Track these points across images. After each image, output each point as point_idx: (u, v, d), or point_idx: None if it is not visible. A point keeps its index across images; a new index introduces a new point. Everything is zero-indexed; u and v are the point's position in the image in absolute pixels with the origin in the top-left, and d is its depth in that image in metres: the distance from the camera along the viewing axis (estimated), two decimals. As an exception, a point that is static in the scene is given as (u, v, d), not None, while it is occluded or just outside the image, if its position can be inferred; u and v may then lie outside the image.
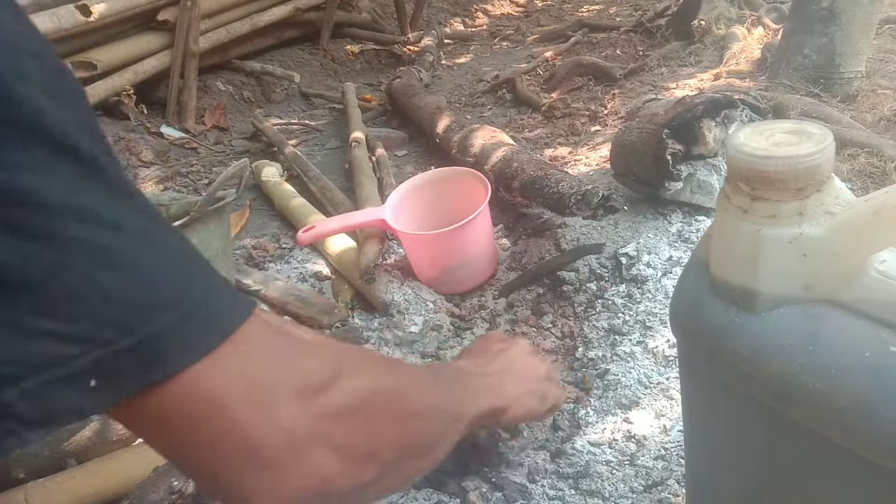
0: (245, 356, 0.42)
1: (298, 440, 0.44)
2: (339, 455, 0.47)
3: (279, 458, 0.43)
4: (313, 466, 0.45)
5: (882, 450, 0.43)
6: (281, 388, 0.44)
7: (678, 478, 0.91)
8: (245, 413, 0.42)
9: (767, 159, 0.45)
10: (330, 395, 0.47)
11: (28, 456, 0.98)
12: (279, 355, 0.46)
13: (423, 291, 1.40)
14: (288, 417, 0.44)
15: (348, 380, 0.50)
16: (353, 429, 0.49)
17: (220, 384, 0.41)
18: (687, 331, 0.56)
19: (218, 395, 0.41)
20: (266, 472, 0.43)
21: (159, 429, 0.41)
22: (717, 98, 1.39)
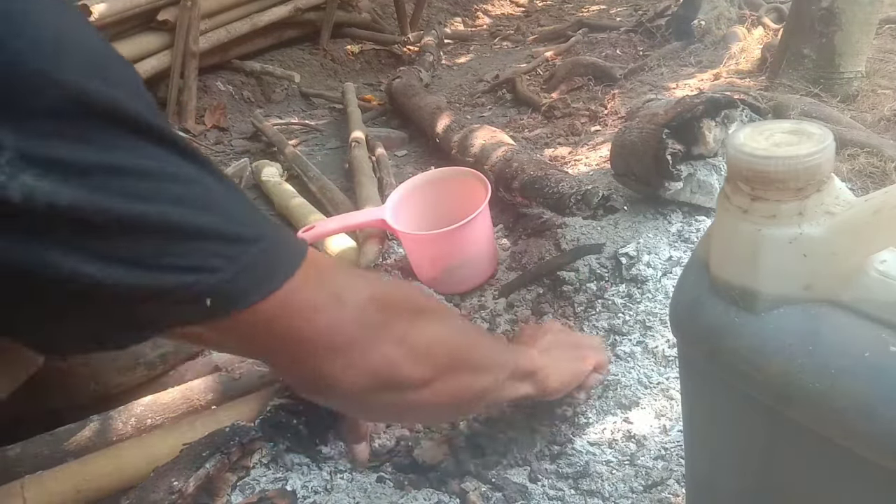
0: (316, 275, 0.52)
1: (369, 332, 0.55)
2: (400, 345, 0.57)
3: (353, 345, 0.54)
4: (380, 355, 0.56)
5: (882, 450, 0.43)
6: (350, 291, 0.55)
7: (678, 478, 0.91)
8: (329, 313, 0.53)
9: (767, 159, 0.45)
10: (391, 298, 0.58)
11: (28, 456, 0.98)
12: (342, 270, 0.58)
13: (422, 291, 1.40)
14: (361, 314, 0.55)
15: (406, 292, 0.63)
16: (411, 327, 0.59)
17: (307, 295, 0.51)
18: (687, 331, 0.56)
19: (307, 303, 0.51)
20: (341, 358, 0.54)
21: (258, 336, 0.51)
22: (717, 98, 1.39)
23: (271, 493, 0.91)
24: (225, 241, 0.46)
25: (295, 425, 0.99)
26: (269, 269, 0.49)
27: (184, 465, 0.89)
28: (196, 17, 2.68)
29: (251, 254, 0.47)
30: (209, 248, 0.45)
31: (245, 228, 0.47)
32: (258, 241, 0.48)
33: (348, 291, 0.55)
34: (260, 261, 0.48)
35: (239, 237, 0.47)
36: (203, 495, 0.90)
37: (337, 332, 0.53)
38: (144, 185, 0.43)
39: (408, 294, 0.64)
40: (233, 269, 0.46)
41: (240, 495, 0.91)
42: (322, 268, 0.54)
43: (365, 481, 0.96)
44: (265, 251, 0.48)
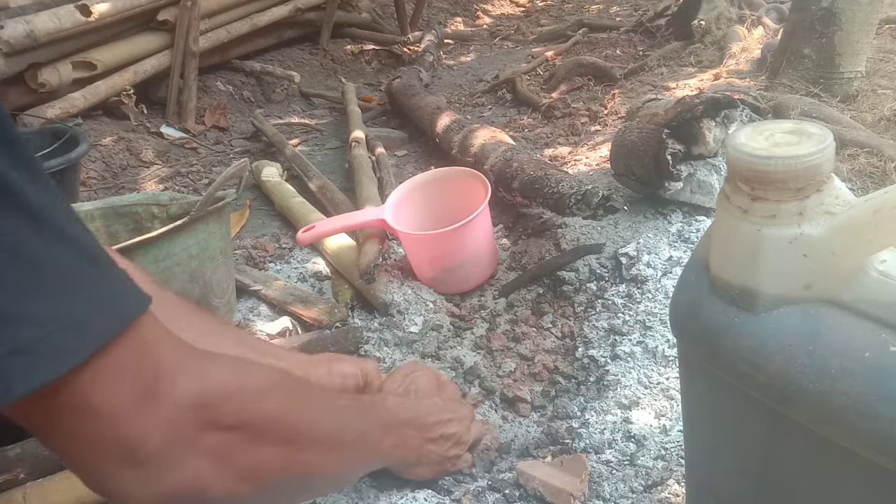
0: (132, 355, 0.42)
1: (178, 445, 0.45)
2: (218, 464, 0.48)
3: (156, 458, 0.44)
4: (189, 471, 0.46)
5: (882, 450, 0.43)
6: (167, 390, 0.44)
7: (678, 478, 0.91)
8: (127, 415, 0.42)
9: (767, 159, 0.45)
10: (219, 408, 0.47)
11: (28, 455, 0.98)
12: (172, 354, 0.46)
13: (423, 291, 1.40)
14: (170, 421, 0.44)
15: (244, 397, 0.50)
16: (236, 444, 0.49)
17: (101, 388, 0.41)
18: (687, 331, 0.56)
19: (97, 399, 0.41)
20: (141, 471, 0.44)
21: (39, 427, 0.42)
22: (717, 98, 1.39)
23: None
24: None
25: None
26: (52, 355, 0.38)
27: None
28: (196, 17, 2.68)
29: (27, 336, 0.37)
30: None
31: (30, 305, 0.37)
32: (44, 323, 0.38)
33: (166, 387, 0.44)
34: (38, 346, 0.37)
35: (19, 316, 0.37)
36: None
37: (135, 444, 0.43)
38: None
39: (253, 390, 0.51)
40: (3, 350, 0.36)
41: (240, 495, 0.91)
42: (146, 342, 0.43)
43: (361, 483, 0.96)
44: (53, 333, 0.38)
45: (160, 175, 2.31)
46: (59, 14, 2.22)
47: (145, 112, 2.68)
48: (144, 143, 2.47)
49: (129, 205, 1.34)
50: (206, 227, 1.23)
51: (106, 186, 2.20)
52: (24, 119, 2.17)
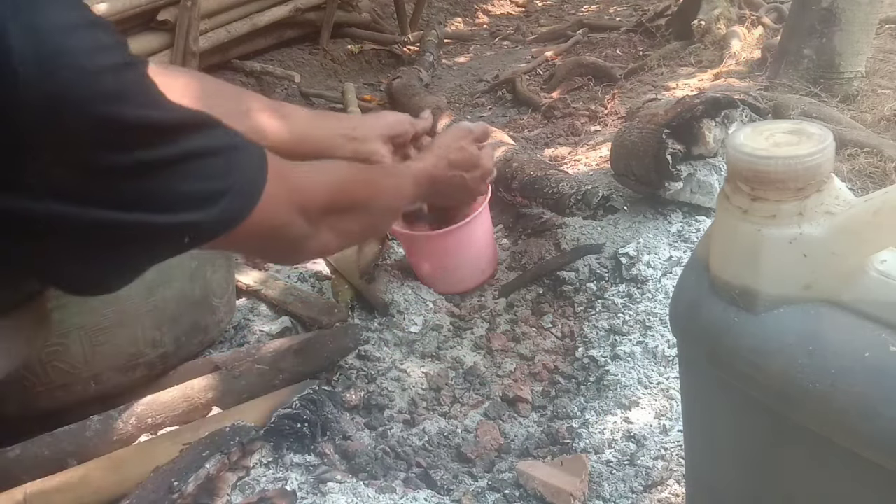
0: (275, 195, 0.63)
1: (316, 228, 0.72)
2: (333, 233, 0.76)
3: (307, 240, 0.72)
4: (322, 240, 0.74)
5: (882, 450, 0.43)
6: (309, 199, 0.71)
7: (678, 478, 0.91)
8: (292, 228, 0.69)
9: (767, 159, 0.45)
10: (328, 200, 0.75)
11: (28, 456, 0.98)
12: (292, 178, 0.70)
13: (423, 291, 1.40)
14: (309, 219, 0.71)
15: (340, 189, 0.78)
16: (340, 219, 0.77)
17: (267, 216, 0.63)
18: (687, 331, 0.56)
19: (273, 222, 0.65)
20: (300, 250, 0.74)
21: (238, 245, 0.69)
22: (717, 98, 1.39)
23: (271, 493, 0.91)
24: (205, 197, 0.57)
25: (298, 429, 0.99)
26: (244, 198, 0.60)
27: (184, 465, 0.89)
28: (196, 17, 2.68)
29: (222, 204, 0.57)
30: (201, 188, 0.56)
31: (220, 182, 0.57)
32: (227, 192, 0.58)
33: (302, 194, 0.69)
34: (237, 195, 0.59)
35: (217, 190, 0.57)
36: (203, 495, 0.90)
37: (296, 236, 0.70)
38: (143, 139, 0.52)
39: (341, 186, 0.78)
40: (217, 209, 0.57)
41: (240, 495, 0.91)
42: (281, 173, 0.65)
43: (359, 484, 0.96)
44: (234, 194, 0.58)
45: (160, 175, 2.30)
46: (59, 14, 2.22)
47: (145, 112, 2.68)
48: (144, 143, 2.47)
49: (129, 205, 1.34)
50: (206, 227, 1.23)
51: (106, 186, 2.20)
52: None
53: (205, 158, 0.57)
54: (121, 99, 0.49)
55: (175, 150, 0.54)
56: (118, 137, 0.50)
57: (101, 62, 0.49)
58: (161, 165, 0.53)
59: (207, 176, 0.57)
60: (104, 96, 0.48)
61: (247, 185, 0.61)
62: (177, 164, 0.54)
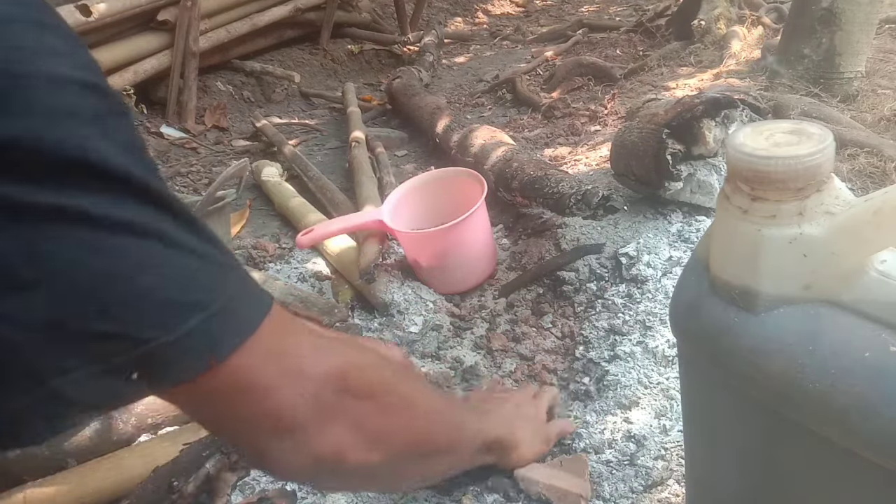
0: (273, 344, 0.47)
1: (321, 412, 0.50)
2: (354, 431, 0.53)
3: (304, 425, 0.49)
4: (332, 437, 0.51)
5: (882, 450, 0.43)
6: (309, 366, 0.50)
7: (678, 478, 0.91)
8: (279, 388, 0.47)
9: (767, 159, 0.45)
10: (352, 379, 0.53)
11: (28, 456, 0.98)
12: (305, 338, 0.51)
13: (423, 291, 1.40)
14: (314, 391, 0.50)
15: (370, 370, 0.56)
16: (369, 412, 0.54)
17: (255, 367, 0.46)
18: (687, 331, 0.56)
19: (252, 377, 0.46)
20: (290, 438, 0.49)
21: (198, 407, 0.48)
22: (717, 98, 1.39)
23: (271, 493, 0.91)
24: (165, 306, 0.40)
25: None
26: (215, 338, 0.43)
27: (184, 465, 0.89)
28: (196, 17, 2.68)
29: (195, 322, 0.41)
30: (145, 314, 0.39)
31: (194, 292, 0.41)
32: (207, 307, 0.42)
33: (308, 364, 0.50)
34: (203, 330, 0.41)
35: (186, 303, 0.41)
36: (203, 495, 0.90)
37: (285, 415, 0.48)
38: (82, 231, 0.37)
39: (373, 365, 0.57)
40: (167, 339, 0.40)
41: (240, 495, 0.91)
42: (283, 329, 0.48)
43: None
44: (213, 317, 0.42)
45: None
46: (59, 14, 2.22)
47: (145, 112, 2.68)
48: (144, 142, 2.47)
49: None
50: (206, 227, 1.23)
51: (106, 186, 2.20)
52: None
53: (180, 254, 0.41)
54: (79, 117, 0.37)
55: (135, 219, 0.39)
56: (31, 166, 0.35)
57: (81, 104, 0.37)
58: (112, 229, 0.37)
59: (175, 277, 0.40)
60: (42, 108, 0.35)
61: (233, 309, 0.44)
62: (134, 239, 0.38)
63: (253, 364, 0.45)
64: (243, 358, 0.45)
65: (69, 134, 0.36)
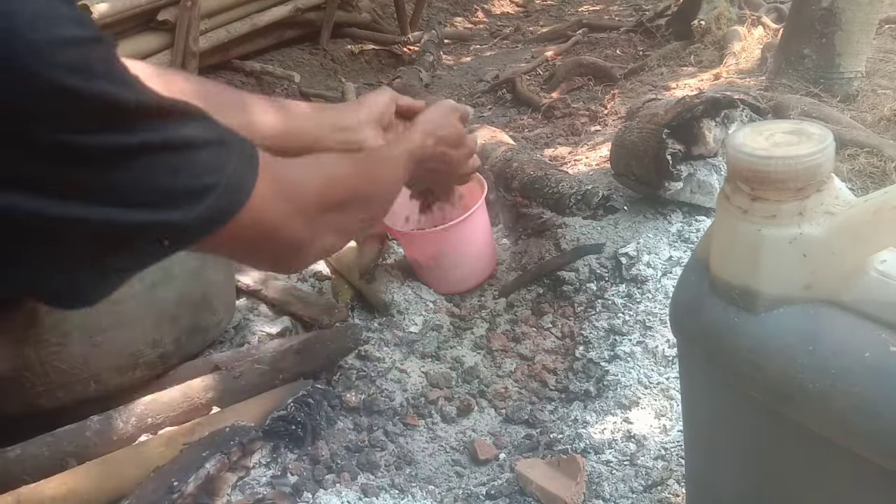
0: (267, 185, 0.58)
1: (315, 231, 0.67)
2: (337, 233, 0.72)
3: (305, 244, 0.66)
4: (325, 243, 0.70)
5: (882, 450, 0.43)
6: (298, 197, 0.65)
7: (678, 478, 0.91)
8: (286, 227, 0.63)
9: (767, 159, 0.45)
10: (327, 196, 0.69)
11: (28, 457, 0.98)
12: (286, 171, 0.65)
13: (423, 291, 1.40)
14: (308, 219, 0.65)
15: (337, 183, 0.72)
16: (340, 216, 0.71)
17: (266, 211, 0.59)
18: (687, 331, 0.56)
19: (260, 221, 0.59)
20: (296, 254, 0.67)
21: (227, 248, 0.61)
22: (717, 98, 1.39)
23: (271, 494, 0.91)
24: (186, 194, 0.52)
25: (293, 431, 0.99)
26: (231, 196, 0.55)
27: (184, 465, 0.89)
28: (196, 17, 2.68)
29: (205, 203, 0.52)
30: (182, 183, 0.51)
31: (206, 177, 0.53)
32: (215, 187, 0.53)
33: (298, 194, 0.65)
34: (223, 191, 0.54)
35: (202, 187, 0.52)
36: (203, 495, 0.90)
37: (292, 243, 0.65)
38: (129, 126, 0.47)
39: (341, 172, 0.75)
40: (193, 214, 0.52)
41: (240, 495, 0.91)
42: (270, 172, 0.60)
43: (356, 486, 0.96)
44: (223, 191, 0.54)
45: (160, 175, 2.30)
46: (59, 14, 2.22)
47: (145, 112, 2.68)
48: (144, 143, 2.47)
49: (129, 205, 1.34)
50: (206, 227, 1.23)
51: (106, 186, 2.20)
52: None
53: (185, 151, 0.52)
54: (81, 72, 0.44)
55: (149, 138, 0.48)
56: (76, 115, 0.44)
57: (58, 32, 0.43)
58: (132, 154, 0.48)
59: (188, 170, 0.52)
60: (60, 66, 0.43)
61: (234, 183, 0.55)
62: (152, 155, 0.49)
63: (261, 207, 0.58)
64: (254, 203, 0.56)
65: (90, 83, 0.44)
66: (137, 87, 0.49)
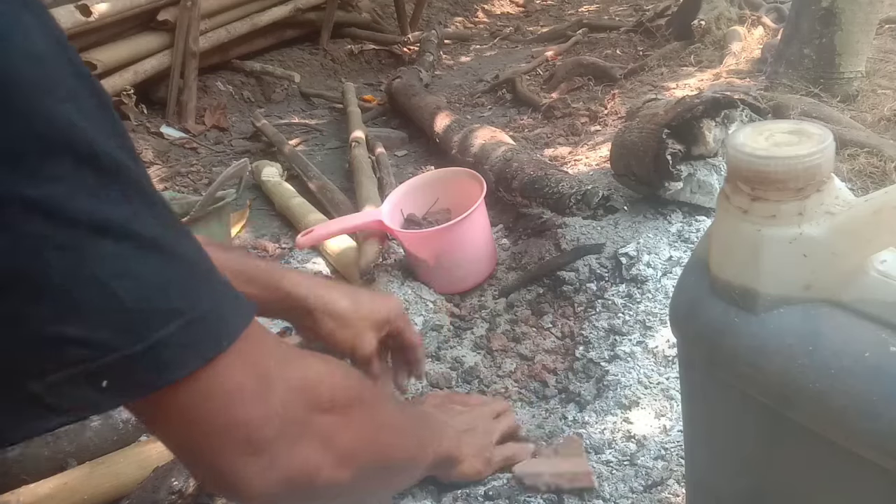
0: (249, 356, 0.45)
1: (291, 427, 0.48)
2: (324, 449, 0.51)
3: (275, 443, 0.47)
4: (302, 457, 0.50)
5: (882, 450, 0.43)
6: (280, 383, 0.48)
7: (678, 478, 0.91)
8: (248, 407, 0.45)
9: (767, 159, 0.45)
10: (321, 391, 0.52)
11: (28, 457, 0.98)
12: (276, 351, 0.50)
13: (423, 291, 1.40)
14: (284, 405, 0.48)
15: (338, 383, 0.55)
16: (338, 427, 0.53)
17: (227, 383, 0.44)
18: (687, 331, 0.56)
19: (224, 392, 0.44)
20: (260, 458, 0.47)
21: (167, 423, 0.44)
22: (717, 98, 1.39)
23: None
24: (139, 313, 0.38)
25: None
26: (189, 348, 0.41)
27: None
28: (196, 17, 2.68)
29: (169, 330, 0.39)
30: (118, 320, 0.38)
31: (170, 299, 0.40)
32: (183, 314, 0.40)
33: (278, 375, 0.48)
34: (177, 339, 0.40)
35: (161, 310, 0.39)
36: (203, 495, 0.90)
37: (256, 427, 0.46)
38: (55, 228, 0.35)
39: (341, 378, 0.56)
40: (140, 347, 0.38)
41: (240, 495, 0.91)
42: (257, 342, 0.47)
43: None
44: (189, 325, 0.40)
45: (160, 175, 2.31)
46: (59, 14, 2.22)
47: (145, 112, 2.68)
48: (144, 143, 2.47)
49: (129, 205, 1.34)
50: (207, 227, 1.23)
51: (106, 186, 2.20)
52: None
53: (160, 258, 0.39)
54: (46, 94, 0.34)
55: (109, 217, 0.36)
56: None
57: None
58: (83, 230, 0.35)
59: (156, 282, 0.39)
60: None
61: (214, 320, 0.42)
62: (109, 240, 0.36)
63: (226, 379, 0.43)
64: (216, 370, 0.43)
65: (52, 112, 0.34)
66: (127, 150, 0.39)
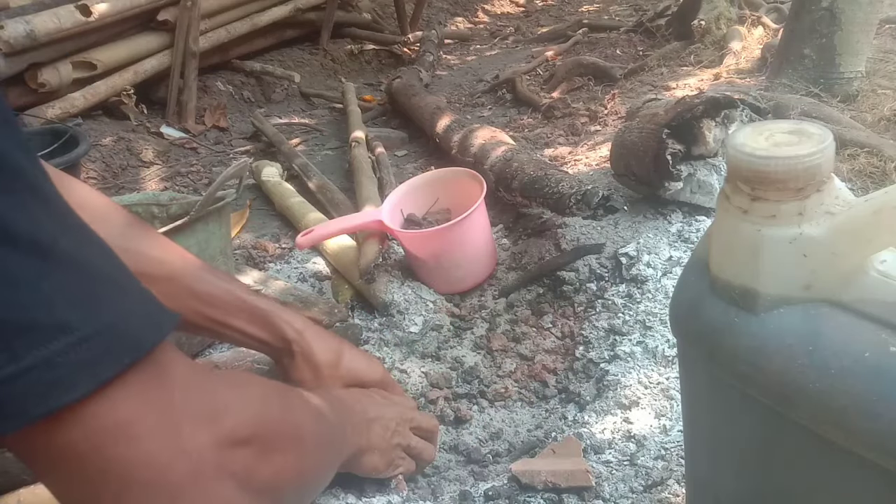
0: (153, 381, 0.39)
1: (202, 471, 0.42)
2: (242, 489, 0.45)
3: (181, 490, 0.40)
4: (219, 499, 0.43)
5: (882, 450, 0.43)
6: (187, 416, 0.41)
7: (678, 478, 0.91)
8: (151, 442, 0.38)
9: (767, 159, 0.45)
10: (236, 425, 0.46)
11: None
12: (188, 380, 0.43)
13: (423, 291, 1.40)
14: (195, 446, 0.41)
15: (254, 410, 0.49)
16: (257, 462, 0.47)
17: (125, 412, 0.37)
18: (687, 331, 0.56)
19: (120, 423, 0.37)
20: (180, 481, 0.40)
21: (51, 463, 0.37)
22: (717, 98, 1.39)
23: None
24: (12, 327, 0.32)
25: None
26: (78, 370, 0.34)
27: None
28: (196, 17, 2.68)
29: (53, 348, 0.33)
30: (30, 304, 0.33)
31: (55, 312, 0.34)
32: (71, 331, 0.34)
33: (184, 406, 0.41)
34: (63, 359, 0.34)
35: (41, 325, 0.33)
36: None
37: (161, 468, 0.39)
38: None
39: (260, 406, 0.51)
40: (12, 369, 0.32)
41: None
42: (165, 366, 0.40)
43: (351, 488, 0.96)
44: (78, 344, 0.34)
45: (160, 175, 2.31)
46: (59, 14, 2.22)
47: (145, 112, 2.68)
48: (144, 143, 2.47)
49: (130, 205, 1.34)
50: (206, 228, 1.23)
51: (106, 186, 2.20)
52: (24, 119, 2.17)
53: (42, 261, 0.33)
54: None
55: None
56: None
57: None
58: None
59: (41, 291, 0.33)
60: None
61: (115, 336, 0.36)
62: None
63: (123, 407, 0.37)
64: (113, 395, 0.36)
65: None
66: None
